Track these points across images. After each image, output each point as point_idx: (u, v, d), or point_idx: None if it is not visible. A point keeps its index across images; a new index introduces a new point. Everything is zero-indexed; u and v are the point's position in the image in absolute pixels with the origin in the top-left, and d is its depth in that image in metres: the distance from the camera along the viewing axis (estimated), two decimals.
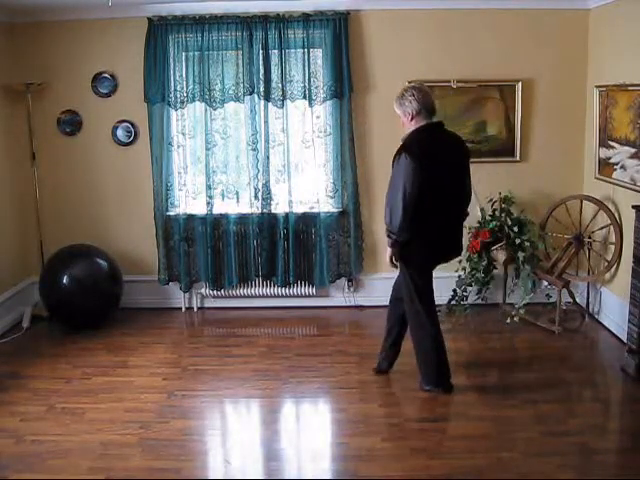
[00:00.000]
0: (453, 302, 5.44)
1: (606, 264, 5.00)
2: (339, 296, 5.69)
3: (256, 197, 5.43)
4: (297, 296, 5.66)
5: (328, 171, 5.45)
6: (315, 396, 4.16)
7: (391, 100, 5.35)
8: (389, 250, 3.96)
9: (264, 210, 5.45)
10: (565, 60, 5.35)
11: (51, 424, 3.78)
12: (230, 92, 5.32)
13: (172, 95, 5.32)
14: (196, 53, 5.28)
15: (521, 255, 5.11)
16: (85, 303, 5.08)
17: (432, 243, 3.92)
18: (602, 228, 5.05)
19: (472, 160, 5.32)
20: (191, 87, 5.33)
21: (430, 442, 3.53)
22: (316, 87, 5.31)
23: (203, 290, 5.68)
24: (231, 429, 3.87)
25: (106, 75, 5.42)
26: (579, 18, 5.28)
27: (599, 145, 5.11)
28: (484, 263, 5.27)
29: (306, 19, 5.21)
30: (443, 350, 4.07)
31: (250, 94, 5.29)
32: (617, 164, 4.84)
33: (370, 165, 5.51)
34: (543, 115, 5.43)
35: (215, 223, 5.50)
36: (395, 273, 5.60)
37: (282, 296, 5.66)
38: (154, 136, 5.39)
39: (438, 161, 3.80)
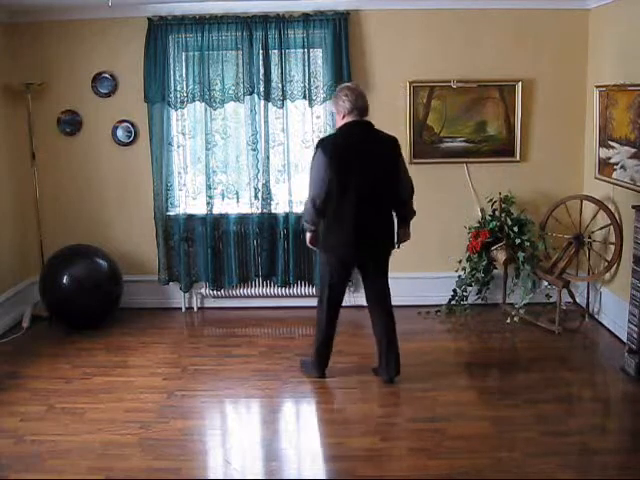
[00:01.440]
0: (453, 302, 5.44)
1: (606, 264, 5.00)
2: None
3: (256, 197, 5.44)
4: (297, 296, 5.66)
5: None
6: (315, 396, 4.16)
7: (391, 100, 5.42)
8: (307, 235, 4.20)
9: (264, 210, 5.46)
10: (565, 60, 5.35)
11: (51, 424, 3.78)
12: (230, 92, 5.32)
13: (172, 95, 5.32)
14: (196, 53, 5.28)
15: (521, 255, 5.12)
16: (85, 303, 5.08)
17: (342, 236, 3.98)
18: (602, 228, 5.05)
19: (472, 160, 5.46)
20: (191, 87, 5.33)
21: (430, 442, 3.53)
22: (316, 87, 5.31)
23: (203, 290, 5.68)
24: (231, 429, 3.87)
25: (106, 75, 5.42)
26: (579, 18, 5.28)
27: (599, 145, 5.10)
28: (484, 263, 5.28)
29: (306, 19, 5.21)
30: (331, 342, 4.27)
31: (250, 94, 5.29)
32: (617, 164, 4.84)
33: None
34: (543, 115, 5.43)
35: (215, 223, 5.50)
36: (396, 274, 5.62)
37: (282, 296, 5.65)
38: (154, 136, 5.39)
39: (355, 157, 3.89)
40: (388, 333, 4.20)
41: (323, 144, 3.96)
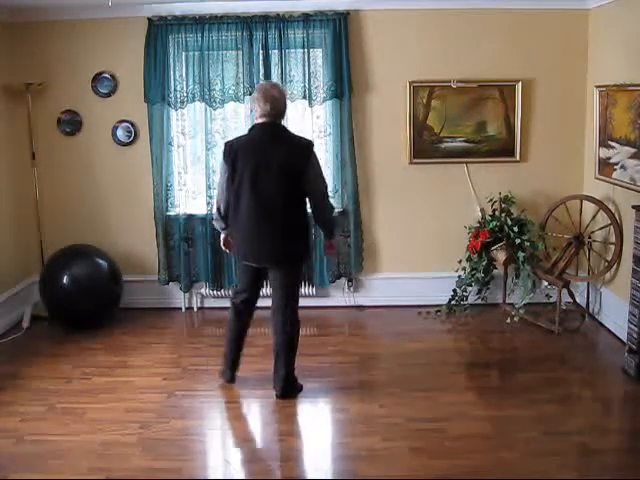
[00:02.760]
0: (453, 302, 5.44)
1: (606, 264, 5.00)
2: (339, 296, 5.69)
3: None
4: None
5: (328, 171, 5.44)
6: (315, 396, 4.16)
7: (391, 100, 5.43)
8: (221, 237, 4.22)
9: None
10: (565, 60, 5.35)
11: (51, 424, 3.78)
12: (230, 92, 5.32)
13: (172, 95, 5.33)
14: (196, 53, 5.28)
15: (521, 255, 5.11)
16: (85, 303, 5.08)
17: (241, 240, 3.96)
18: (602, 228, 5.05)
19: (472, 160, 5.46)
20: (191, 87, 5.33)
21: (430, 442, 3.53)
22: (316, 87, 5.31)
23: (203, 290, 5.68)
24: (231, 429, 3.86)
25: (106, 75, 5.42)
26: (579, 18, 5.28)
27: (599, 145, 5.11)
28: (484, 263, 5.28)
29: (306, 19, 5.21)
30: (236, 345, 4.20)
31: (250, 94, 5.28)
32: (617, 164, 4.84)
33: (370, 165, 5.51)
34: (543, 115, 5.43)
35: None
36: (396, 274, 5.63)
37: None
38: (154, 136, 5.39)
39: (254, 159, 3.79)
40: (277, 349, 4.08)
41: (224, 147, 3.93)
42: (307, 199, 3.93)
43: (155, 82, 5.29)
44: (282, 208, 3.82)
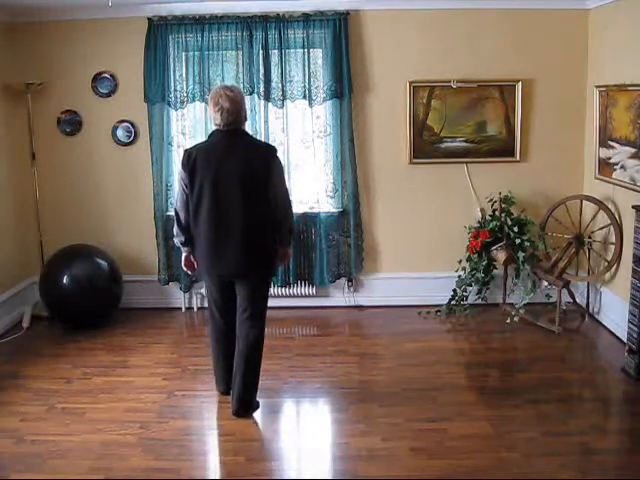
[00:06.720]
0: (453, 302, 5.44)
1: (606, 264, 5.00)
2: (339, 296, 5.69)
3: None
4: (297, 296, 5.66)
5: (328, 171, 5.45)
6: (315, 396, 4.16)
7: (391, 100, 5.43)
8: (182, 256, 3.95)
9: None
10: (565, 60, 5.35)
11: (51, 424, 3.78)
12: None
13: (172, 95, 5.33)
14: (196, 53, 5.28)
15: (521, 255, 5.12)
16: (85, 303, 5.08)
17: (204, 252, 3.75)
18: (602, 228, 5.05)
19: (472, 160, 5.46)
20: (191, 87, 5.33)
21: (430, 442, 3.53)
22: (316, 87, 5.32)
23: (203, 290, 5.67)
24: (231, 429, 3.86)
25: (106, 75, 5.42)
26: (579, 18, 5.28)
27: (599, 145, 5.11)
28: (484, 263, 5.28)
29: (306, 19, 5.21)
30: (224, 359, 3.99)
31: (250, 94, 5.29)
32: (617, 164, 4.84)
33: (370, 165, 5.51)
34: (543, 115, 5.43)
35: None
36: (396, 274, 5.64)
37: (282, 296, 5.65)
38: (154, 136, 5.39)
39: (211, 168, 3.61)
40: (239, 363, 3.84)
41: (183, 156, 3.74)
42: (270, 205, 3.70)
43: (155, 82, 5.29)
44: (244, 217, 3.61)
